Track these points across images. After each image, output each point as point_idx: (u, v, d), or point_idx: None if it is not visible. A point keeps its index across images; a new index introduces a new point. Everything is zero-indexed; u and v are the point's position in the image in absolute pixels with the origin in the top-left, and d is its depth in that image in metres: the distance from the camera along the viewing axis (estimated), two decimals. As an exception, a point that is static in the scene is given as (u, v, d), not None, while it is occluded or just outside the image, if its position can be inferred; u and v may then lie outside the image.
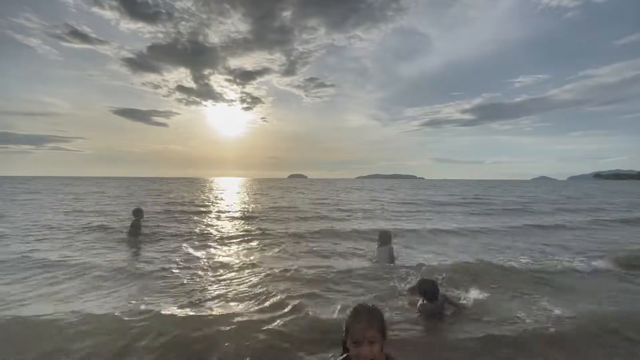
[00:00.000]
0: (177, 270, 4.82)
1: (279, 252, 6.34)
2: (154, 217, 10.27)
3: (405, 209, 15.86)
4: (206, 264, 5.25)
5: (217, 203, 18.00)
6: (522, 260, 5.70)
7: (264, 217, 11.48)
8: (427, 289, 3.48)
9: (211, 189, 38.19)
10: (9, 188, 32.56)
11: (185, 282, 4.35)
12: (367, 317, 1.42)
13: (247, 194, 28.83)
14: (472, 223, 10.66)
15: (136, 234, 7.37)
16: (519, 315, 3.38)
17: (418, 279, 3.78)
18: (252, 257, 5.80)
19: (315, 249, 6.71)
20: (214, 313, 3.32)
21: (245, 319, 3.20)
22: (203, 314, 3.29)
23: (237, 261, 5.48)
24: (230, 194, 29.41)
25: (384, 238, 5.58)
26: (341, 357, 1.51)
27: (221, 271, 4.86)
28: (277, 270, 4.76)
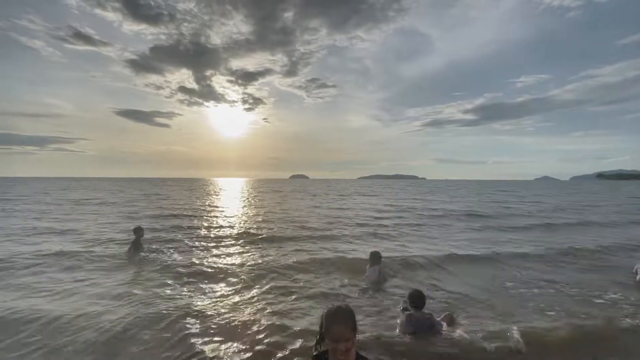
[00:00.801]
0: (146, 324, 4.25)
1: (266, 288, 5.78)
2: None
3: (405, 221, 15.24)
4: (179, 309, 4.68)
5: (210, 213, 17.53)
6: (554, 311, 5.11)
7: (256, 234, 10.94)
8: (417, 294, 3.79)
9: (209, 194, 37.77)
10: (1, 191, 32.19)
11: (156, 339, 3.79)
12: (343, 319, 1.69)
13: (243, 201, 28.37)
14: (479, 243, 9.97)
15: (136, 252, 7.48)
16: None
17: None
18: (232, 301, 5.24)
19: (307, 278, 6.17)
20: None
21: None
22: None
23: (215, 306, 4.93)
24: (227, 200, 28.95)
25: (374, 258, 6.10)
26: (320, 352, 1.81)
27: (194, 319, 4.31)
28: (264, 321, 4.25)
